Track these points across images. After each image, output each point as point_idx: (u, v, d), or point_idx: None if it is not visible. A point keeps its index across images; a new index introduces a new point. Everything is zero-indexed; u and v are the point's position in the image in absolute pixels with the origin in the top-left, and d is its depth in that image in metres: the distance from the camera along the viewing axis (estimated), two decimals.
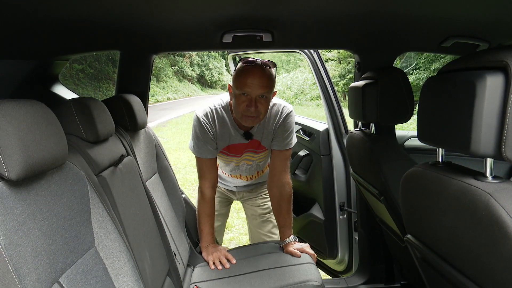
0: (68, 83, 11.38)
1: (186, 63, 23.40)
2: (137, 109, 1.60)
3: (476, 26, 1.51)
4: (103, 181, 1.15)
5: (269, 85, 1.62)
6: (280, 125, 1.83)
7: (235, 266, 1.76)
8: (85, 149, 1.14)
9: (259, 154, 1.94)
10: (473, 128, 0.79)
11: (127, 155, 1.41)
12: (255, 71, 1.60)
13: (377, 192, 1.60)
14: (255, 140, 1.86)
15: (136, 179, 1.42)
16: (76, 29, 1.35)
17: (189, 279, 1.73)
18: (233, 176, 2.09)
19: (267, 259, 1.79)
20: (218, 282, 1.66)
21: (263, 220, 2.21)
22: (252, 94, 1.61)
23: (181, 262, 1.72)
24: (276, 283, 1.58)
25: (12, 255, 0.69)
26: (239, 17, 1.34)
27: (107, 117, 1.26)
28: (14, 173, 0.72)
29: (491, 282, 0.81)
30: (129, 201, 1.29)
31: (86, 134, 1.16)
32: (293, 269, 1.67)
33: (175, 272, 1.53)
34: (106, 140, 1.28)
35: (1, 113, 0.72)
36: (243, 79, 1.61)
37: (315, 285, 1.57)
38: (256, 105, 1.62)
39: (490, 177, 0.84)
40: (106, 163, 1.23)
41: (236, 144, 1.86)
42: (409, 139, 2.44)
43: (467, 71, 0.85)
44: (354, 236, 2.33)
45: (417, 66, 13.22)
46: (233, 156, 1.92)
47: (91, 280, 0.92)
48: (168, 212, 1.78)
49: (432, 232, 1.04)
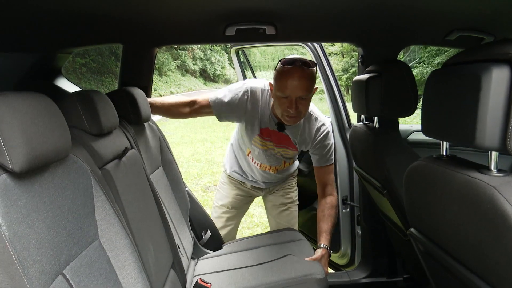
0: (71, 77, 11.38)
1: (189, 57, 23.32)
2: (141, 102, 1.60)
3: (481, 19, 1.50)
4: (106, 174, 1.15)
5: (309, 87, 1.62)
6: (318, 144, 1.86)
7: (238, 258, 1.77)
8: (89, 142, 1.14)
9: (288, 150, 1.96)
10: (478, 121, 0.78)
11: (131, 148, 1.41)
12: (294, 73, 1.59)
13: (380, 186, 1.60)
14: (287, 137, 1.89)
15: (140, 172, 1.42)
16: (79, 22, 1.35)
17: (192, 272, 1.73)
18: (262, 167, 2.06)
19: (271, 251, 1.79)
20: (221, 274, 1.67)
21: (284, 209, 2.22)
22: (292, 96, 1.61)
23: (185, 255, 1.73)
24: (279, 276, 1.58)
25: (17, 247, 0.69)
26: (242, 10, 1.33)
27: (111, 110, 1.26)
28: (17, 166, 0.72)
29: (494, 276, 0.81)
30: (133, 194, 1.29)
31: (90, 127, 1.15)
32: (296, 262, 1.68)
33: (179, 265, 1.54)
34: (110, 133, 1.28)
35: (5, 105, 0.72)
36: (283, 82, 1.61)
37: (318, 278, 1.57)
38: (296, 106, 1.63)
39: (495, 170, 0.83)
40: (110, 156, 1.22)
41: (270, 130, 1.88)
42: (413, 133, 2.44)
43: (472, 64, 0.84)
44: (357, 230, 2.34)
45: (421, 60, 13.14)
46: (267, 141, 1.93)
47: (95, 272, 0.92)
48: (172, 205, 1.79)
49: (435, 225, 1.04)
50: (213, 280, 1.60)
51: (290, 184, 2.24)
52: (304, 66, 1.60)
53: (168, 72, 20.29)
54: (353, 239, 2.38)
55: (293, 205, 2.24)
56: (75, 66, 12.60)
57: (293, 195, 2.25)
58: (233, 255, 1.84)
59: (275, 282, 1.55)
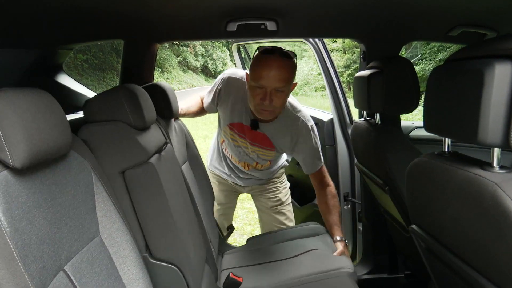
0: (73, 73, 11.38)
1: (190, 54, 23.29)
2: (172, 97, 1.61)
3: (484, 14, 1.49)
4: (151, 167, 1.17)
5: (287, 78, 1.52)
6: (300, 146, 1.75)
7: (264, 253, 1.76)
8: (134, 135, 1.15)
9: (264, 150, 1.87)
10: (481, 117, 0.78)
11: (167, 143, 1.42)
12: (271, 62, 1.49)
13: (382, 182, 1.60)
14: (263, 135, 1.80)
15: (176, 166, 1.44)
16: (80, 17, 1.35)
17: (219, 266, 1.73)
18: (233, 159, 2.03)
19: (296, 245, 1.78)
20: (249, 268, 1.67)
21: (275, 212, 2.18)
22: (267, 87, 1.51)
23: (214, 249, 1.73)
24: (310, 270, 1.57)
25: (18, 243, 0.69)
26: (244, 5, 1.33)
27: (151, 105, 1.28)
28: (18, 162, 0.72)
29: (496, 272, 0.81)
30: (173, 187, 1.30)
31: (134, 120, 1.16)
32: (324, 255, 1.67)
33: (211, 259, 1.53)
34: (149, 128, 1.29)
35: (5, 101, 0.72)
36: (259, 71, 1.51)
37: (349, 272, 1.57)
38: (271, 98, 1.52)
39: (497, 167, 0.83)
40: (153, 150, 1.24)
41: (244, 125, 1.79)
42: (415, 130, 2.43)
43: (474, 60, 0.83)
44: (358, 227, 2.33)
45: (423, 57, 13.09)
46: (240, 137, 1.85)
47: (96, 269, 0.93)
48: (199, 200, 1.78)
49: (437, 222, 1.04)
50: (243, 275, 1.57)
51: (275, 186, 2.14)
52: (283, 56, 1.51)
53: (169, 69, 20.27)
54: (354, 235, 2.38)
55: (283, 206, 2.16)
56: (76, 63, 12.59)
57: (281, 196, 2.15)
58: (259, 250, 1.82)
59: (306, 276, 1.55)
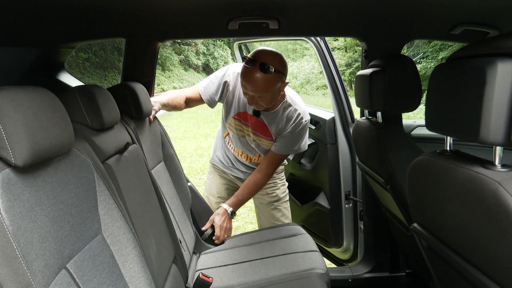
0: (74, 72, 11.37)
1: (192, 52, 23.26)
2: (142, 97, 1.60)
3: (486, 13, 1.48)
4: (108, 168, 1.15)
5: (265, 89, 1.65)
6: (287, 132, 1.89)
7: (240, 253, 1.77)
8: (90, 136, 1.14)
9: (263, 140, 1.96)
10: (483, 115, 0.78)
11: (132, 143, 1.41)
12: (250, 75, 1.63)
13: (383, 181, 1.60)
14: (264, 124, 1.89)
15: (141, 167, 1.42)
16: (81, 16, 1.35)
17: (194, 266, 1.74)
18: (235, 152, 2.09)
19: (272, 246, 1.79)
20: (223, 269, 1.68)
21: (272, 208, 2.20)
22: (250, 94, 1.67)
23: (187, 249, 1.73)
24: (281, 270, 1.59)
25: (20, 241, 0.70)
26: (245, 4, 1.32)
27: (112, 105, 1.26)
28: (21, 160, 0.72)
29: (497, 271, 0.81)
30: (134, 188, 1.30)
31: (91, 121, 1.15)
32: (298, 256, 1.68)
33: (181, 260, 1.54)
34: (111, 128, 1.28)
35: (8, 99, 0.72)
36: (242, 79, 1.67)
37: (320, 273, 1.57)
38: (255, 101, 1.69)
39: (499, 165, 0.82)
40: (111, 151, 1.23)
41: (248, 114, 1.91)
42: (416, 128, 2.43)
43: (476, 58, 0.83)
44: (360, 225, 2.34)
45: (425, 55, 13.05)
46: (244, 125, 1.95)
47: (98, 266, 0.93)
48: (173, 200, 1.79)
49: (438, 221, 1.03)
50: (215, 275, 1.61)
51: (273, 182, 2.18)
52: (262, 70, 1.60)
53: (171, 67, 20.26)
54: (356, 234, 2.38)
55: (281, 203, 2.19)
56: (78, 61, 12.60)
57: (278, 192, 2.18)
58: (235, 250, 1.84)
59: (277, 277, 1.56)
